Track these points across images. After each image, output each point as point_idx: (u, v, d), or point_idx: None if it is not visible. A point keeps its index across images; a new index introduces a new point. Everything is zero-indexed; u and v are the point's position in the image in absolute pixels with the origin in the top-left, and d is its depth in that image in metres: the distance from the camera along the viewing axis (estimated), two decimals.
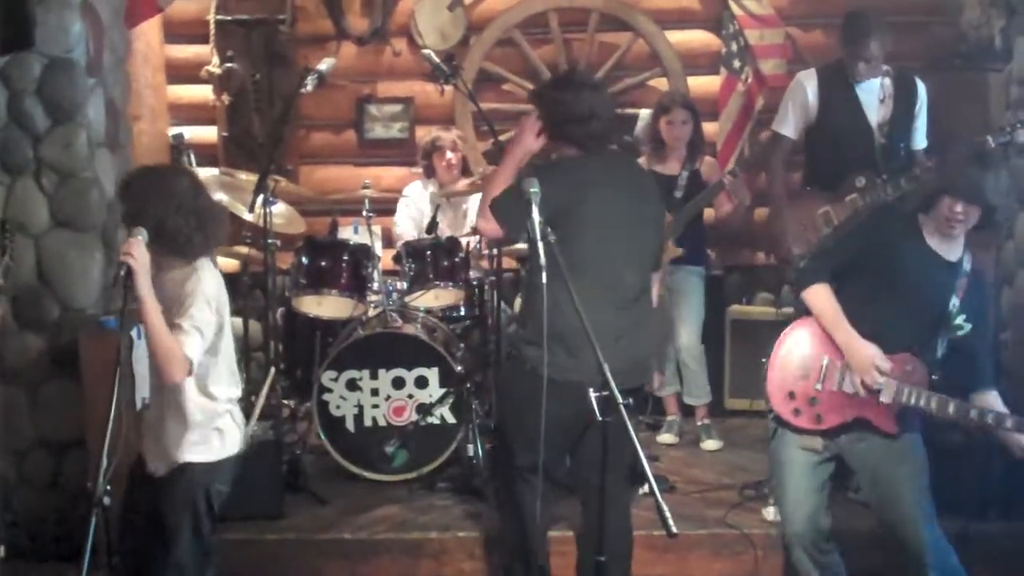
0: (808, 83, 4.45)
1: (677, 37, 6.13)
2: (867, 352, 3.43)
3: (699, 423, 5.53)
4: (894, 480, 3.52)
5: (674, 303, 5.39)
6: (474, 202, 5.22)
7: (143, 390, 4.26)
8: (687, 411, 5.61)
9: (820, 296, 3.50)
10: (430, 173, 5.68)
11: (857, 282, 3.52)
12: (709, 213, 5.47)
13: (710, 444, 5.42)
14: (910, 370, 3.46)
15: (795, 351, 3.58)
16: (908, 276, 3.47)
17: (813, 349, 3.55)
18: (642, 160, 5.46)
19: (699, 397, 5.52)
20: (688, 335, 5.39)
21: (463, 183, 5.50)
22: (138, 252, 3.05)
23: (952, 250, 3.49)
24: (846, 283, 3.54)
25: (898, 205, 3.55)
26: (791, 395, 3.55)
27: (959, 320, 3.47)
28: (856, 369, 3.44)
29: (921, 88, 4.42)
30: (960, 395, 3.46)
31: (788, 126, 4.50)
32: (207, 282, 3.23)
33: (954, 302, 3.48)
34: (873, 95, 4.35)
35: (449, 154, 5.56)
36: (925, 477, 3.52)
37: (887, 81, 4.36)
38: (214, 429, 3.33)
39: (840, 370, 3.50)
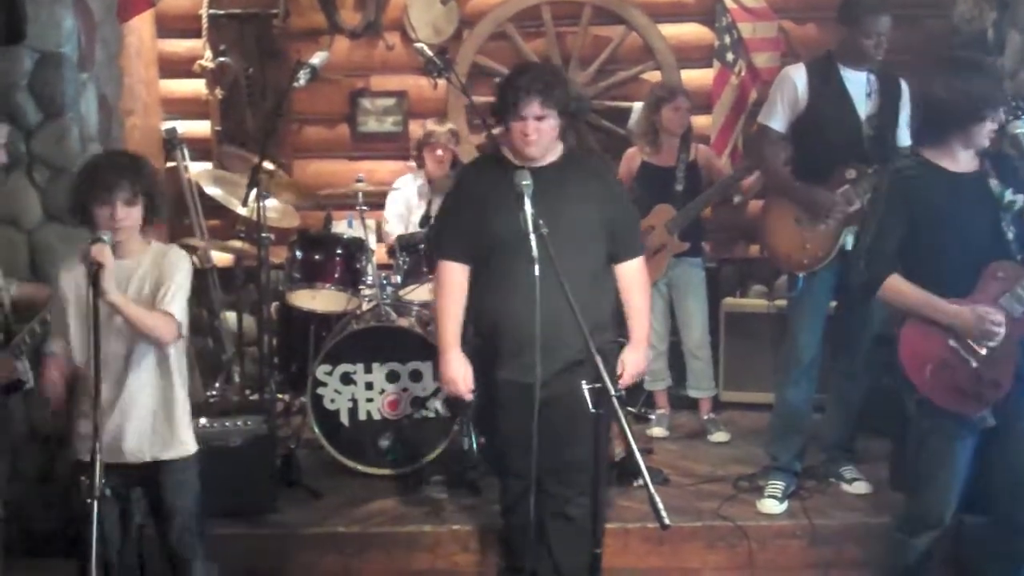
0: (797, 77, 4.43)
1: (670, 30, 6.13)
2: (973, 316, 3.31)
3: (704, 417, 5.51)
4: None
5: (678, 297, 5.40)
6: None
7: None
8: (681, 404, 5.62)
9: (899, 288, 3.38)
10: (422, 165, 5.67)
11: (924, 247, 3.38)
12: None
13: (719, 436, 5.39)
14: (1003, 276, 3.34)
15: (927, 357, 3.38)
16: (960, 214, 3.35)
17: (939, 340, 3.37)
18: (634, 151, 5.46)
19: (705, 390, 5.52)
20: (696, 329, 5.40)
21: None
22: (106, 254, 3.16)
23: (970, 160, 3.43)
24: (912, 255, 3.39)
25: (910, 160, 3.46)
26: (962, 391, 3.36)
27: (1008, 197, 3.36)
28: (975, 337, 3.33)
29: (904, 86, 4.43)
30: None
31: (777, 120, 4.49)
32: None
33: (993, 184, 3.39)
34: (861, 89, 4.36)
35: (439, 151, 5.51)
36: None
37: (872, 77, 4.38)
38: None
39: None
